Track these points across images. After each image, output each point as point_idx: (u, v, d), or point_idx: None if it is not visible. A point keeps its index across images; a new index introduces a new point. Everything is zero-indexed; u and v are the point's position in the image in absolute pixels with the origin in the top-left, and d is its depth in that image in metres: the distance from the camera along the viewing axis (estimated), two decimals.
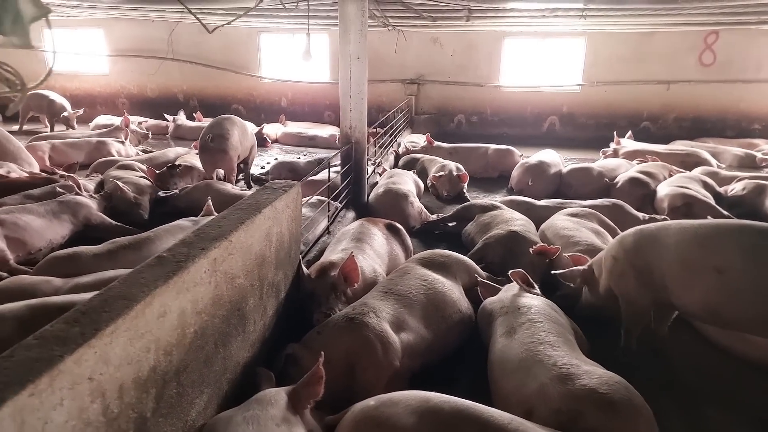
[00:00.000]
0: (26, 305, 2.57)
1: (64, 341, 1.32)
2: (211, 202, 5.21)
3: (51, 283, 3.12)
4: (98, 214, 4.78)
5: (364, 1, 4.48)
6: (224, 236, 2.10)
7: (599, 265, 3.20)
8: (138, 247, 3.69)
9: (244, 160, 6.48)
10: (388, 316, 2.72)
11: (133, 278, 1.71)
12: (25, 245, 4.15)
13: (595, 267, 3.25)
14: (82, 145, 7.79)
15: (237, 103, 11.66)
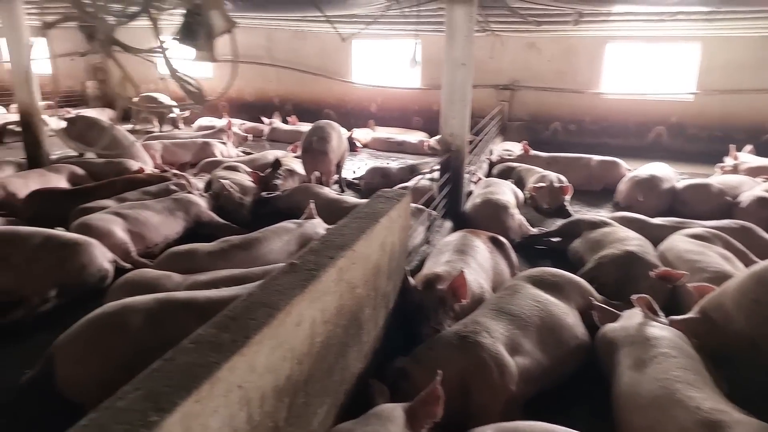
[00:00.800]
0: (155, 299, 2.71)
1: (219, 348, 1.33)
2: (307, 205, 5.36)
3: (171, 278, 3.29)
4: (208, 213, 5.03)
5: (472, 7, 4.38)
6: (348, 245, 2.08)
7: (721, 309, 2.67)
8: (248, 247, 3.82)
9: (338, 163, 6.58)
10: (502, 337, 2.60)
11: (271, 285, 1.73)
12: (144, 239, 4.44)
13: (714, 312, 2.71)
14: (189, 145, 8.30)
15: (329, 108, 11.94)
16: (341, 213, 4.98)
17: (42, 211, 4.97)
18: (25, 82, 6.18)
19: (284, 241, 4.04)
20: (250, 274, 3.31)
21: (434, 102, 11.03)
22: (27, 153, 6.46)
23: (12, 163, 6.37)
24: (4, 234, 3.78)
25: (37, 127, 6.38)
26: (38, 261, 3.59)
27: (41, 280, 3.52)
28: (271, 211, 5.60)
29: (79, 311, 3.53)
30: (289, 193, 5.62)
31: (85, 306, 3.60)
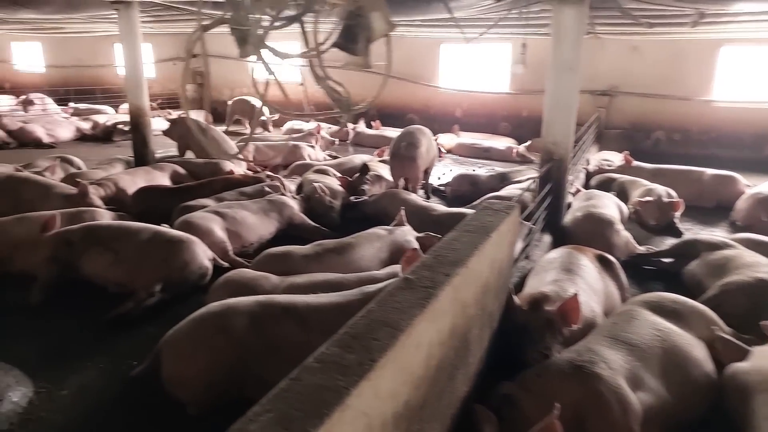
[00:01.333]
0: (256, 301, 2.72)
1: (345, 370, 1.25)
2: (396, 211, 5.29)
3: (269, 279, 3.32)
4: (300, 215, 5.09)
5: (583, 7, 4.10)
6: (463, 262, 1.95)
7: None
8: (341, 252, 3.80)
9: (426, 170, 6.47)
10: (623, 369, 2.35)
11: (388, 302, 1.63)
12: (240, 238, 4.56)
13: None
14: (280, 147, 8.54)
15: (412, 113, 11.89)
16: (430, 221, 4.93)
17: (148, 207, 5.27)
18: (137, 85, 6.62)
19: (376, 248, 3.98)
20: (344, 280, 3.27)
21: (524, 107, 10.67)
22: (135, 151, 6.91)
23: (121, 161, 6.84)
24: (117, 229, 4.01)
25: (146, 127, 6.81)
26: (146, 256, 3.77)
27: (148, 275, 3.69)
28: (358, 215, 5.60)
29: (179, 307, 3.71)
30: (377, 198, 5.58)
31: (184, 302, 3.77)
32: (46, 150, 9.27)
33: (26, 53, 18.26)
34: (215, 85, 14.62)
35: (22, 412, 2.55)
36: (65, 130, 10.25)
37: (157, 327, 3.42)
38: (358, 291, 2.84)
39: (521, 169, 6.75)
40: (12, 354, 2.95)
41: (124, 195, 5.67)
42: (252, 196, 5.35)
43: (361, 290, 2.84)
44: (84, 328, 3.40)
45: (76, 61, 16.89)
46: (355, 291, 2.85)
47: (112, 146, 9.94)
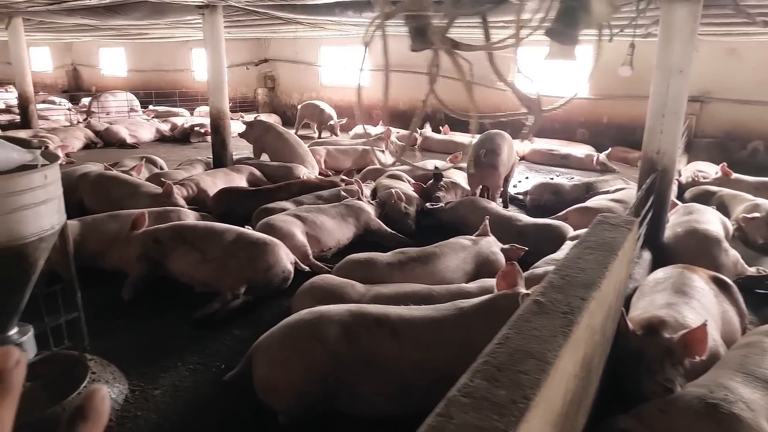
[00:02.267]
0: (348, 311, 2.62)
1: (499, 409, 1.09)
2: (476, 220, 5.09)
3: (354, 287, 3.23)
4: (376, 221, 5.00)
5: (697, 5, 3.76)
6: (595, 284, 1.75)
7: None
8: (426, 261, 3.65)
9: (505, 177, 6.22)
10: (764, 411, 2.06)
11: (524, 328, 1.46)
12: (319, 243, 4.52)
13: None
14: (350, 152, 8.54)
15: (482, 118, 11.58)
16: (514, 232, 4.69)
17: (228, 208, 5.35)
18: (219, 88, 6.79)
19: (460, 259, 3.80)
20: (433, 292, 3.12)
21: (605, 113, 10.15)
22: (214, 153, 7.09)
23: (201, 162, 7.03)
24: (203, 229, 4.06)
25: (226, 129, 6.97)
26: (232, 257, 3.78)
27: (233, 276, 3.69)
28: (433, 223, 5.45)
29: (262, 310, 3.69)
30: (454, 206, 5.40)
31: (267, 305, 3.75)
32: (130, 150, 9.76)
33: (111, 58, 19.45)
34: (284, 90, 14.94)
35: (119, 410, 2.57)
36: (146, 131, 10.75)
37: (243, 329, 3.42)
38: (452, 306, 2.68)
39: (607, 179, 6.36)
40: (106, 349, 3.00)
41: (205, 195, 5.80)
42: (329, 200, 5.32)
43: (455, 305, 2.68)
44: (172, 326, 3.44)
45: (156, 65, 17.83)
46: (448, 306, 2.70)
47: (189, 147, 10.31)
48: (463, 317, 2.60)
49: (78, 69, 20.60)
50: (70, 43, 19.68)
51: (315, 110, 12.31)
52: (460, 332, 2.55)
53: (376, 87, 13.26)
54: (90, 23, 9.23)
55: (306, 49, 14.07)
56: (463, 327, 2.56)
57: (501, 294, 2.67)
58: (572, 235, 4.46)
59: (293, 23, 8.28)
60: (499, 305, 2.60)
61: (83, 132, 9.80)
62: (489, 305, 2.63)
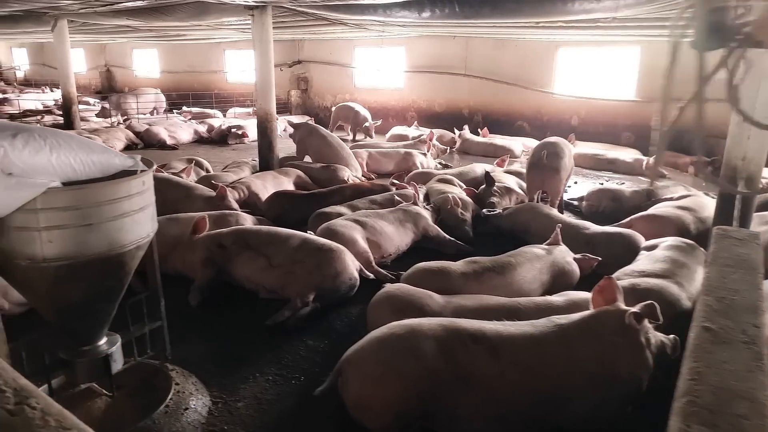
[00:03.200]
0: (441, 325, 2.49)
1: None
2: (538, 227, 4.91)
3: (433, 298, 3.09)
4: (435, 227, 4.86)
5: None
6: (758, 308, 1.59)
7: None
8: (502, 272, 3.50)
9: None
10: None
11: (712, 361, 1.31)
12: (380, 249, 4.40)
13: None
14: (392, 154, 8.41)
15: (522, 120, 11.39)
16: (582, 241, 4.49)
17: (282, 212, 5.28)
18: (267, 90, 6.74)
19: (536, 269, 3.64)
20: (520, 306, 2.97)
21: (651, 117, 9.84)
22: (260, 155, 7.04)
23: (248, 164, 6.99)
24: (266, 234, 3.98)
25: (273, 132, 6.91)
26: (298, 263, 3.68)
27: (301, 282, 3.60)
28: (491, 230, 5.29)
29: (332, 318, 3.57)
30: (514, 212, 5.22)
31: (336, 313, 3.63)
32: (171, 151, 9.80)
33: (144, 59, 19.72)
34: (318, 91, 14.91)
35: (205, 423, 2.48)
36: (185, 132, 10.80)
37: (316, 338, 3.32)
38: (549, 322, 2.53)
39: (667, 185, 6.11)
40: (183, 357, 2.92)
41: (256, 198, 5.74)
42: (383, 205, 5.21)
43: (552, 321, 2.54)
44: (244, 332, 3.36)
45: (188, 66, 18.00)
46: (545, 322, 2.55)
47: (227, 149, 10.32)
48: (564, 335, 2.46)
49: (111, 70, 20.94)
50: (104, 45, 20.01)
51: (350, 112, 12.21)
52: (563, 351, 2.40)
53: (412, 88, 13.16)
54: (132, 24, 9.31)
55: (340, 51, 14.02)
56: (566, 346, 2.41)
57: (603, 311, 2.51)
58: (646, 245, 4.26)
59: (337, 24, 8.21)
60: (603, 323, 2.45)
61: (124, 133, 9.88)
62: (591, 323, 2.48)
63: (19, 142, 1.78)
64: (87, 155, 1.95)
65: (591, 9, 5.68)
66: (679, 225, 4.80)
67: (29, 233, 1.89)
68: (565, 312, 2.86)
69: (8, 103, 14.73)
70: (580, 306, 2.97)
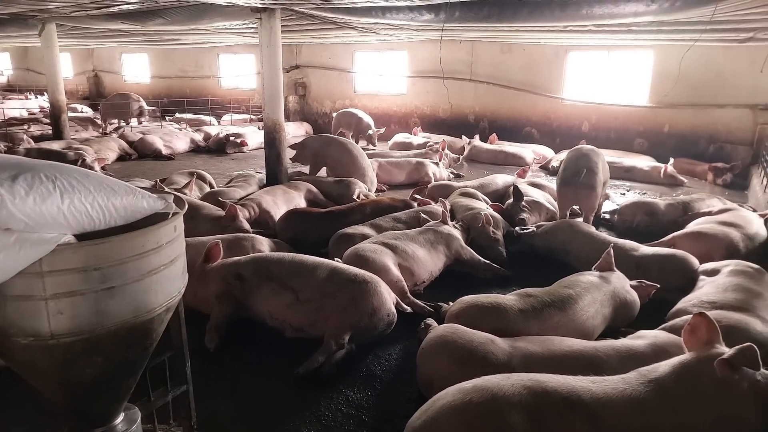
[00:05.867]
0: (524, 386, 2.09)
1: None
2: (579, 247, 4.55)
3: (497, 345, 2.68)
4: (468, 249, 4.47)
5: None
6: None
7: None
8: (563, 307, 3.10)
9: None
10: None
11: None
12: (412, 276, 3.99)
13: None
14: (404, 164, 8.02)
15: (531, 126, 11.07)
16: (631, 263, 4.10)
17: (298, 233, 4.86)
18: (275, 97, 6.31)
19: (598, 301, 3.25)
20: (599, 353, 2.59)
21: (665, 122, 9.57)
22: (268, 168, 6.61)
23: (255, 178, 6.54)
24: (290, 263, 3.53)
25: (281, 143, 6.48)
26: (329, 297, 3.26)
27: (334, 321, 3.18)
28: (524, 249, 4.91)
29: (371, 363, 3.11)
30: (550, 230, 4.84)
31: (372, 356, 3.19)
32: (166, 162, 9.31)
33: (134, 64, 19.14)
34: (316, 97, 14.48)
35: None
36: (181, 141, 10.32)
37: (356, 390, 2.89)
38: (641, 377, 2.15)
39: (702, 198, 5.78)
40: (208, 418, 2.49)
41: (268, 217, 5.31)
42: (409, 224, 4.81)
43: (644, 376, 2.15)
44: (274, 382, 2.93)
45: (180, 71, 17.47)
46: (636, 377, 2.16)
47: (226, 159, 9.85)
48: (665, 394, 2.07)
49: (99, 75, 20.32)
50: (91, 49, 19.39)
51: (352, 119, 11.76)
52: (669, 415, 2.02)
53: (415, 94, 12.79)
54: (125, 29, 8.83)
55: (340, 55, 13.61)
56: (670, 408, 2.03)
57: (700, 359, 2.11)
58: (704, 269, 3.91)
59: (345, 28, 7.81)
60: (706, 374, 2.06)
61: (117, 143, 9.37)
62: (689, 375, 2.09)
63: (21, 187, 1.35)
64: (107, 199, 1.52)
65: (618, 13, 5.33)
66: (728, 243, 4.46)
67: (32, 303, 1.46)
68: (652, 359, 2.48)
69: None
70: (665, 349, 2.60)
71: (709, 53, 8.83)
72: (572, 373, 2.27)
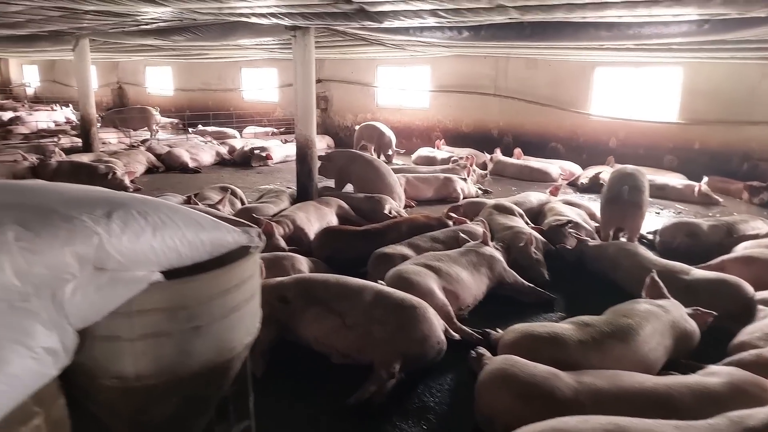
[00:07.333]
0: (603, 429, 1.98)
1: None
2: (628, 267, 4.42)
3: (562, 380, 2.57)
4: (511, 271, 4.35)
5: None
6: None
7: None
8: (624, 339, 2.97)
9: None
10: None
11: None
12: (457, 300, 3.88)
13: None
14: (431, 180, 7.94)
15: (556, 141, 10.95)
16: (681, 287, 3.97)
17: (334, 252, 4.79)
18: (308, 114, 6.29)
19: (658, 332, 3.12)
20: (672, 392, 2.47)
21: (696, 139, 9.41)
22: (299, 183, 6.57)
23: (286, 194, 6.50)
24: (335, 285, 3.46)
25: (313, 159, 6.45)
26: (376, 323, 3.17)
27: (383, 348, 3.08)
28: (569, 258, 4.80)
29: (421, 393, 2.98)
30: (599, 250, 4.70)
31: (422, 385, 3.07)
32: (193, 175, 9.34)
33: (157, 77, 19.39)
34: (338, 110, 14.51)
35: None
36: (207, 154, 10.36)
37: (411, 422, 2.79)
38: (733, 425, 2.02)
39: (745, 219, 5.62)
40: None
41: (302, 234, 5.25)
42: (447, 244, 4.70)
43: (735, 423, 2.03)
44: (325, 413, 2.84)
45: (203, 84, 17.65)
46: (726, 423, 2.04)
47: (252, 172, 9.85)
48: None
49: (123, 87, 20.61)
50: (116, 62, 19.69)
51: (374, 132, 11.75)
52: None
53: (437, 108, 12.75)
54: (156, 44, 8.92)
55: (362, 70, 13.65)
56: None
57: None
58: (762, 297, 3.76)
59: (376, 44, 7.80)
60: None
61: (145, 156, 9.43)
62: None
63: (117, 225, 1.29)
64: (196, 234, 1.46)
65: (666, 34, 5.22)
66: None
67: (119, 345, 1.40)
68: (730, 400, 2.37)
69: (20, 121, 14.33)
70: (744, 389, 2.47)
71: (743, 69, 8.68)
72: (643, 413, 2.16)
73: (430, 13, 4.11)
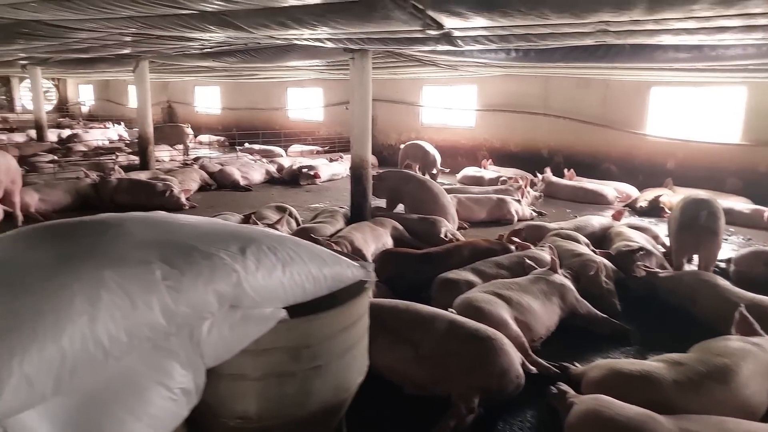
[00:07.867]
0: None
1: None
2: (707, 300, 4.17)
3: (660, 422, 2.40)
4: (583, 301, 4.17)
5: None
6: None
7: None
8: (723, 380, 2.75)
9: None
10: None
11: None
12: (529, 331, 3.72)
13: None
14: (484, 201, 7.81)
15: (609, 163, 10.64)
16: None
17: (396, 275, 4.70)
18: (363, 135, 6.30)
19: (759, 374, 2.89)
20: None
21: (762, 161, 8.97)
22: (354, 204, 6.56)
23: (341, 213, 6.50)
24: (405, 313, 3.37)
25: (367, 180, 6.44)
26: (452, 355, 3.05)
27: (459, 381, 2.96)
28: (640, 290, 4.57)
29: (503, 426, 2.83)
30: (674, 279, 4.47)
31: (503, 420, 2.93)
32: (244, 192, 9.50)
33: (205, 96, 19.99)
34: (382, 129, 14.57)
35: None
36: (257, 173, 10.53)
37: None
38: None
39: None
40: None
41: (360, 255, 5.19)
42: (513, 270, 4.55)
43: None
44: None
45: (249, 103, 18.09)
46: None
47: (301, 191, 9.95)
48: None
49: (173, 106, 21.34)
50: (167, 82, 20.43)
51: (419, 151, 11.69)
52: None
53: (484, 127, 12.63)
54: (212, 65, 9.17)
55: (407, 89, 13.70)
56: None
57: None
58: None
59: (429, 65, 7.80)
60: None
61: (198, 173, 9.66)
62: None
63: (251, 261, 1.25)
64: (319, 269, 1.42)
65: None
66: None
67: (245, 384, 1.35)
68: None
69: (77, 138, 14.97)
70: None
71: None
72: None
73: (519, 37, 4.02)
